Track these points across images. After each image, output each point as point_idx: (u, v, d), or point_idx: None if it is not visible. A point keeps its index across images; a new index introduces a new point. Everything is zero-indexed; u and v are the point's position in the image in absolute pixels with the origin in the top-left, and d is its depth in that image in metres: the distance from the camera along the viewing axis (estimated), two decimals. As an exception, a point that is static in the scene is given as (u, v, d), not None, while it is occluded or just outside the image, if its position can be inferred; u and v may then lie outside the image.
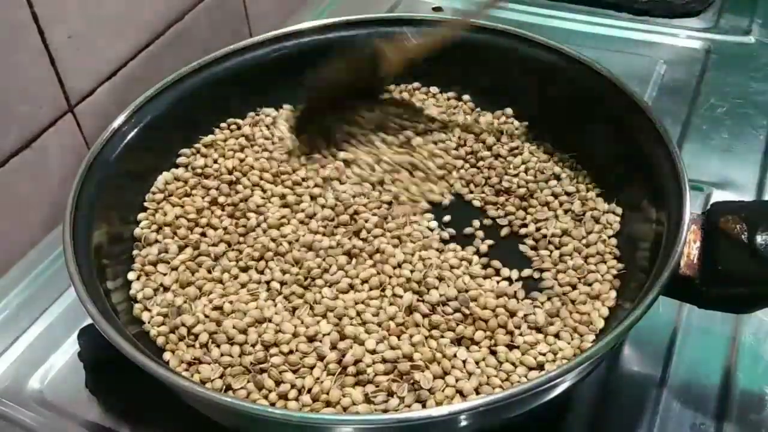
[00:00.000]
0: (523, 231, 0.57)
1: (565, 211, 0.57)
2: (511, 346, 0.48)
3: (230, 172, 0.60)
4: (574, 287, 0.52)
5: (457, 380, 0.46)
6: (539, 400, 0.43)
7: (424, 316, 0.50)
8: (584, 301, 0.51)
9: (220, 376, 0.47)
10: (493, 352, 0.48)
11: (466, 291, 0.51)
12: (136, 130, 0.57)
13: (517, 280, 0.53)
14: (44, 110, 0.61)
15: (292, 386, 0.46)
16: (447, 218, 0.58)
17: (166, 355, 0.49)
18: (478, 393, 0.46)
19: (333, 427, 0.42)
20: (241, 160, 0.61)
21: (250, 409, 0.42)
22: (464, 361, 0.47)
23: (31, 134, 0.61)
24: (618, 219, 0.56)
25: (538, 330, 0.49)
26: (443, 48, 0.63)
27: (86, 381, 0.53)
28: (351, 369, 0.47)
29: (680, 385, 0.51)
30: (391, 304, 0.50)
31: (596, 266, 0.53)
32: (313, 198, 0.58)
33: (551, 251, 0.55)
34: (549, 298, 0.52)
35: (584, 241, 0.55)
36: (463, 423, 0.42)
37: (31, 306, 0.58)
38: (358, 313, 0.50)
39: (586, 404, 0.50)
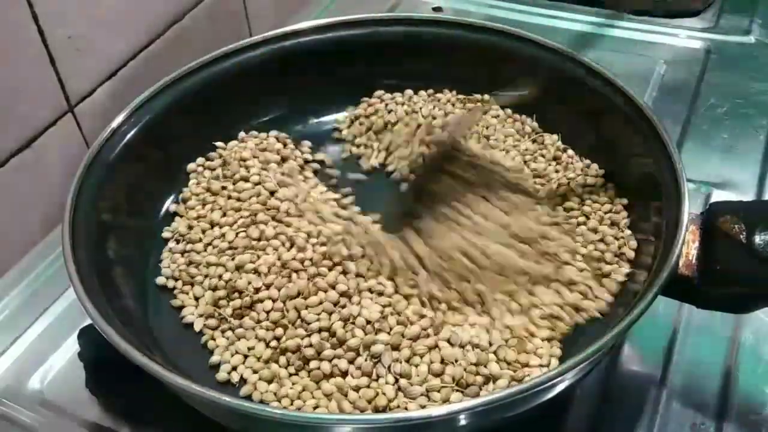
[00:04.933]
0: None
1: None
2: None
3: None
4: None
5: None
6: (538, 400, 0.43)
7: None
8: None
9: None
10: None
11: None
12: (135, 129, 0.57)
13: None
14: (44, 110, 0.61)
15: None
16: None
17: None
18: None
19: (332, 427, 0.42)
20: None
21: (249, 409, 0.42)
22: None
23: (31, 134, 0.61)
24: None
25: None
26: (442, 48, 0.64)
27: (86, 381, 0.53)
28: None
29: (680, 385, 0.51)
30: None
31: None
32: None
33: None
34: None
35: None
36: (462, 422, 0.42)
37: (31, 306, 0.58)
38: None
39: (586, 404, 0.50)
